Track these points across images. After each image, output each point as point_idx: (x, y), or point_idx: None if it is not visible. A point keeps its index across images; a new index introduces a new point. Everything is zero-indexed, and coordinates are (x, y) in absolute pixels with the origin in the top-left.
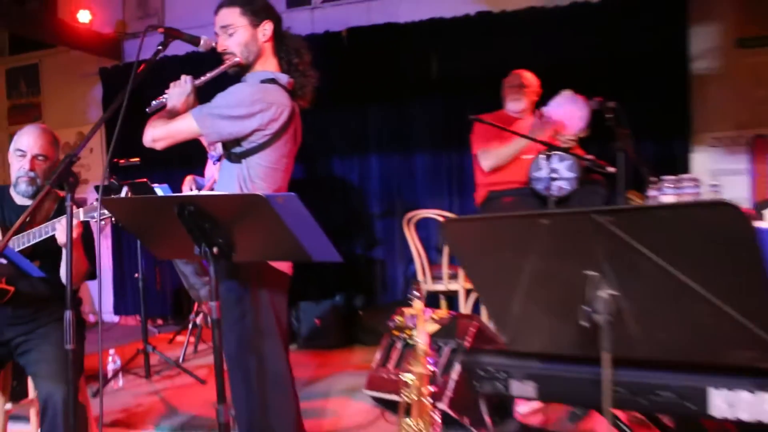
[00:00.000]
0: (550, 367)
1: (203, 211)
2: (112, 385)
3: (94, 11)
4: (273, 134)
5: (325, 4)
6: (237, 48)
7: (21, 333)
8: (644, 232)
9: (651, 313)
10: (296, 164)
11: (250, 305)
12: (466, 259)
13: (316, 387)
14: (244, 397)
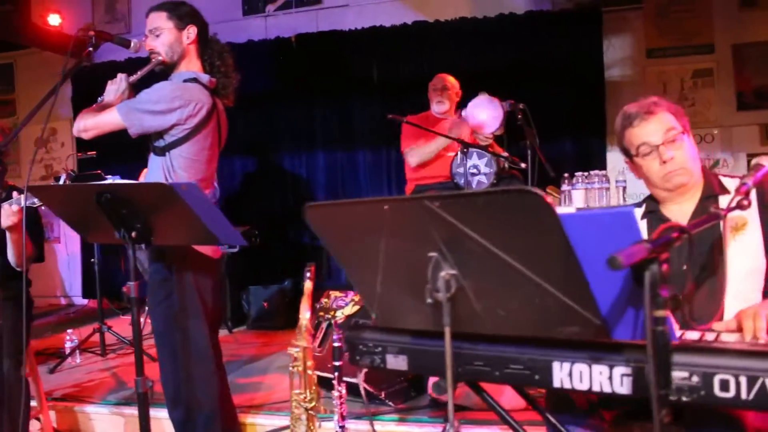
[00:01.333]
0: (418, 342)
1: (119, 199)
2: (70, 362)
3: (65, 15)
4: (192, 128)
5: (278, 12)
6: (162, 48)
7: None
8: (468, 216)
9: (488, 292)
10: (249, 158)
11: (174, 286)
12: (329, 242)
13: (257, 364)
14: (170, 370)
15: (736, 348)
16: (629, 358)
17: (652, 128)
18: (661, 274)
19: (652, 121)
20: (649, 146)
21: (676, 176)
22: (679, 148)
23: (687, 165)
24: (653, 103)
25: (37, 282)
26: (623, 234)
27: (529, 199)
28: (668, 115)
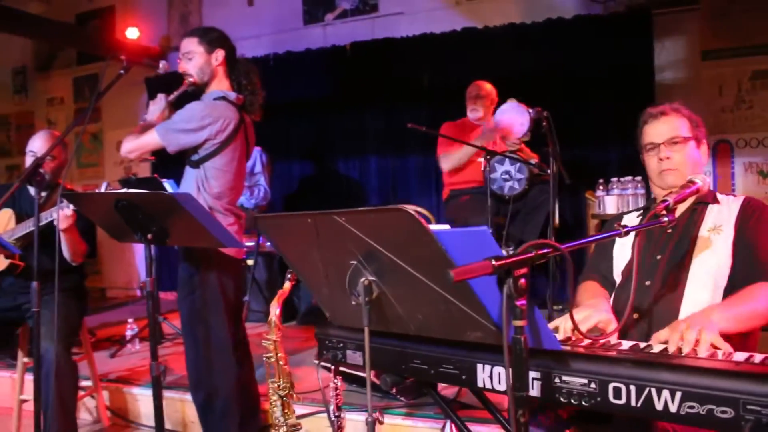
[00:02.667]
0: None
1: (134, 206)
2: (129, 348)
3: (143, 28)
4: (222, 142)
5: (336, 21)
6: (194, 70)
7: (29, 300)
8: (369, 230)
9: (405, 297)
10: (306, 162)
11: (198, 283)
12: (280, 249)
13: (294, 357)
14: (193, 358)
15: (629, 358)
16: (539, 363)
17: (659, 129)
18: (518, 288)
19: (662, 122)
20: (653, 144)
21: (668, 175)
22: (678, 151)
23: (682, 168)
24: (671, 107)
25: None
26: (484, 249)
27: (404, 218)
28: (681, 120)
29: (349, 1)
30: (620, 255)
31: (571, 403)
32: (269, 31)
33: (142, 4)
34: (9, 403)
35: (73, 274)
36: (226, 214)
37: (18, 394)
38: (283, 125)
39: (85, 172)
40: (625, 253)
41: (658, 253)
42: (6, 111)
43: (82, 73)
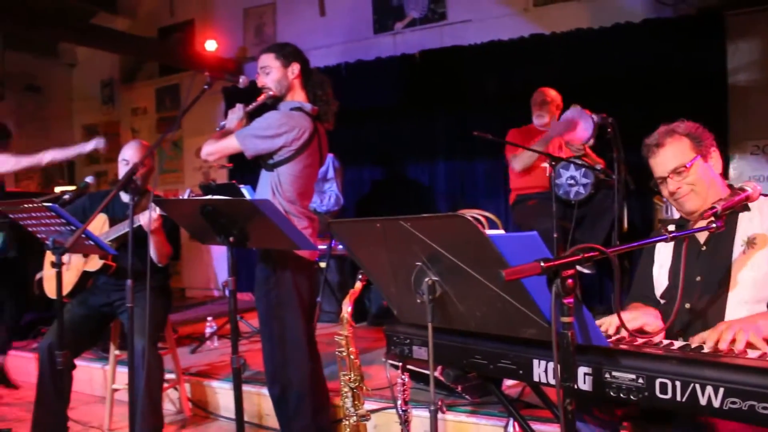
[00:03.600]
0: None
1: (218, 211)
2: (209, 345)
3: (220, 40)
4: (296, 150)
5: (406, 30)
6: (272, 84)
7: (120, 297)
8: (432, 234)
9: (465, 296)
10: (376, 167)
11: (274, 283)
12: (351, 252)
13: (364, 356)
14: (269, 353)
15: (675, 355)
16: (590, 359)
17: (660, 161)
18: (565, 287)
19: (660, 155)
20: (661, 179)
21: (685, 202)
22: (686, 177)
23: (697, 189)
24: (665, 132)
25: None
26: (532, 251)
27: (463, 223)
28: (679, 144)
29: (418, 9)
30: (659, 277)
31: (620, 397)
32: (341, 40)
33: (219, 17)
34: (101, 392)
35: (159, 274)
36: (300, 218)
37: (110, 384)
38: (354, 132)
39: (167, 177)
40: (663, 276)
41: (697, 275)
42: (95, 120)
43: (163, 84)
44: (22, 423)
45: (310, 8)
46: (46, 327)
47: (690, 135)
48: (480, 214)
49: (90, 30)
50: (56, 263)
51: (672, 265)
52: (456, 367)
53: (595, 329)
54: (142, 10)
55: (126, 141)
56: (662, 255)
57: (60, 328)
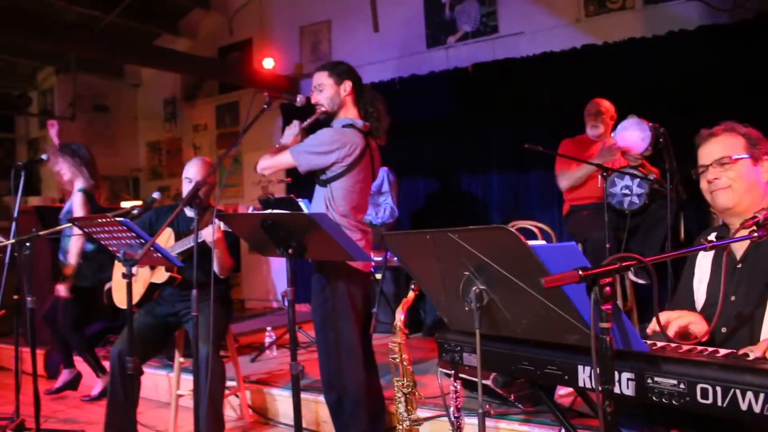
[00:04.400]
0: (483, 343)
1: (277, 224)
2: (268, 354)
3: (277, 58)
4: (348, 165)
5: (458, 44)
6: (325, 101)
7: (185, 307)
8: (479, 245)
9: (511, 304)
10: (431, 180)
11: (330, 293)
12: (404, 262)
13: (420, 366)
14: (325, 361)
15: (716, 361)
16: (632, 365)
17: (708, 150)
18: (603, 295)
19: (711, 143)
20: (703, 166)
21: (718, 195)
22: (728, 170)
23: (735, 186)
24: (724, 127)
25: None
26: (572, 261)
27: (506, 234)
28: (734, 139)
29: (470, 23)
30: (698, 291)
31: (663, 402)
32: (395, 55)
33: (276, 35)
34: (166, 398)
35: (221, 285)
36: (353, 230)
37: (175, 390)
38: (409, 145)
39: (227, 192)
40: (702, 291)
41: (732, 294)
42: (158, 138)
43: (223, 101)
44: (95, 426)
45: (364, 24)
46: (115, 336)
47: (747, 136)
48: (533, 225)
49: (153, 52)
50: (127, 274)
51: (710, 280)
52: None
53: (635, 335)
54: (203, 31)
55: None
56: (701, 268)
57: (130, 335)
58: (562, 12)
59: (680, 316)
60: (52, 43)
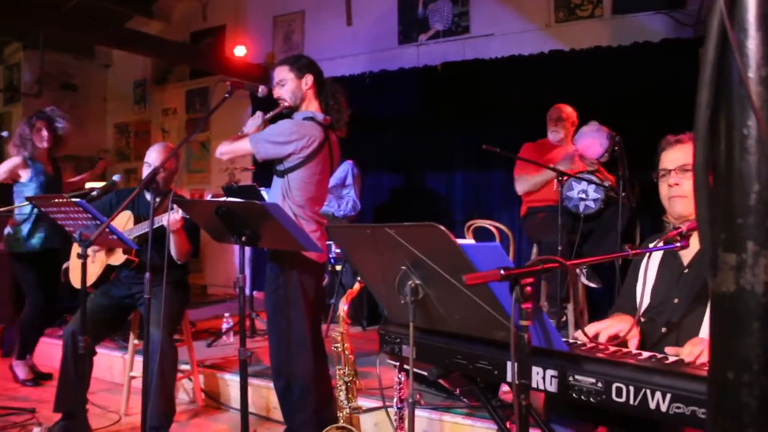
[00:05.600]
0: (421, 337)
1: (231, 212)
2: (224, 339)
3: (250, 46)
4: (306, 157)
5: (429, 42)
6: (287, 95)
7: (141, 290)
8: (413, 240)
9: (444, 299)
10: (395, 174)
11: (283, 282)
12: (348, 254)
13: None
14: (276, 347)
15: (630, 362)
16: (556, 363)
17: (673, 156)
18: (524, 294)
19: (676, 149)
20: (665, 171)
21: (676, 203)
22: (689, 178)
23: (692, 196)
24: (690, 135)
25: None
26: (498, 260)
27: (437, 232)
28: None
29: (442, 22)
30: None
31: (582, 399)
32: (366, 50)
33: (250, 24)
34: (120, 379)
35: (178, 270)
36: (309, 221)
37: (128, 371)
38: (375, 140)
39: (194, 177)
40: (646, 294)
41: (675, 297)
42: (127, 119)
43: (194, 86)
44: (45, 404)
45: (338, 17)
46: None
47: None
48: (492, 224)
49: (124, 34)
50: (82, 255)
51: (656, 284)
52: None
53: (555, 335)
54: (176, 15)
55: (156, 140)
56: (649, 272)
57: (82, 315)
58: (532, 16)
59: (609, 326)
60: (19, 20)
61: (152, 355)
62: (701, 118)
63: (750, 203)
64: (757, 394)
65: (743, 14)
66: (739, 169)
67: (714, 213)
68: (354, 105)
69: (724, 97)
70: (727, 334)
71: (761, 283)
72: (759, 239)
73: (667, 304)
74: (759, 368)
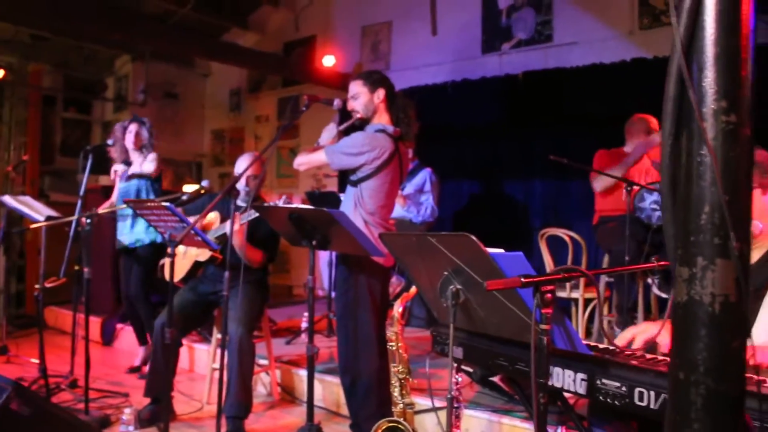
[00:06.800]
0: (467, 338)
1: (302, 218)
2: (303, 338)
3: (339, 55)
4: (377, 167)
5: (512, 51)
6: (359, 107)
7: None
8: (452, 249)
9: (483, 304)
10: (475, 182)
11: (352, 284)
12: (398, 258)
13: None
14: (343, 347)
15: (653, 368)
16: (586, 367)
17: None
18: (544, 300)
19: None
20: None
21: None
22: None
23: None
24: None
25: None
26: (519, 268)
27: (468, 241)
28: None
29: (525, 31)
30: None
31: (608, 402)
32: (450, 59)
33: (339, 34)
34: (204, 370)
35: (257, 271)
36: (378, 228)
37: (211, 363)
38: (456, 147)
39: (283, 182)
40: None
41: None
42: (222, 126)
43: (285, 94)
44: (138, 390)
45: (424, 27)
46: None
47: (759, 166)
48: (565, 233)
49: (220, 46)
50: (171, 254)
51: None
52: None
53: (578, 339)
54: (271, 26)
55: (249, 145)
56: None
57: (169, 309)
58: (616, 23)
59: (643, 330)
60: (127, 35)
61: (230, 349)
62: (664, 147)
63: (701, 223)
64: (703, 393)
65: (700, 54)
66: (694, 192)
67: (675, 230)
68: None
69: (684, 128)
70: (680, 339)
71: (708, 294)
72: (707, 255)
73: None
74: (704, 370)
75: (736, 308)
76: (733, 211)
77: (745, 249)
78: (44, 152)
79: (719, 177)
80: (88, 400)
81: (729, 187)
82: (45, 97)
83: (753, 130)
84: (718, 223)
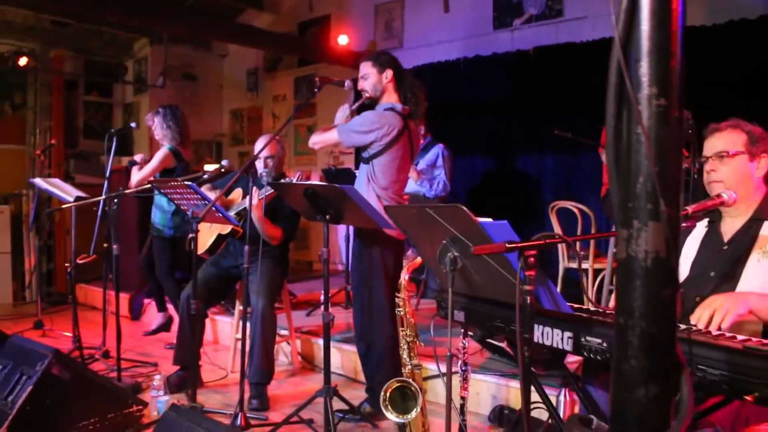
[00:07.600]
0: (468, 302)
1: (316, 194)
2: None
3: (353, 34)
4: (386, 144)
5: (523, 26)
6: (369, 87)
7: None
8: (447, 219)
9: (478, 269)
10: (488, 158)
11: (366, 256)
12: (404, 230)
13: None
14: (359, 315)
15: None
16: (572, 326)
17: (711, 143)
18: (527, 263)
19: (715, 137)
20: (705, 158)
21: (713, 187)
22: (726, 164)
23: (728, 181)
24: (730, 123)
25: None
26: (506, 235)
27: (460, 212)
28: (736, 135)
29: (536, 6)
30: (682, 267)
31: (590, 357)
32: (462, 35)
33: (353, 13)
34: (229, 341)
35: (277, 246)
36: (391, 202)
37: (234, 334)
38: (469, 123)
39: (301, 159)
40: (686, 267)
41: (712, 270)
42: (240, 106)
43: (301, 73)
44: (166, 359)
45: (435, 4)
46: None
47: (750, 133)
48: (575, 206)
49: (235, 28)
50: (193, 230)
51: (696, 258)
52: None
53: (561, 300)
54: (285, 6)
55: (267, 124)
56: (689, 247)
57: (194, 282)
58: None
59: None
60: (145, 20)
61: (252, 319)
62: (609, 127)
63: (637, 191)
64: (638, 334)
65: (636, 47)
66: (632, 165)
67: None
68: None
69: (624, 110)
70: (621, 290)
71: (642, 251)
72: (642, 218)
73: (703, 278)
74: (639, 315)
75: (666, 263)
76: (662, 180)
77: (674, 213)
78: (68, 136)
79: (651, 151)
80: (121, 369)
81: (659, 160)
82: (67, 82)
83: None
84: (650, 191)
